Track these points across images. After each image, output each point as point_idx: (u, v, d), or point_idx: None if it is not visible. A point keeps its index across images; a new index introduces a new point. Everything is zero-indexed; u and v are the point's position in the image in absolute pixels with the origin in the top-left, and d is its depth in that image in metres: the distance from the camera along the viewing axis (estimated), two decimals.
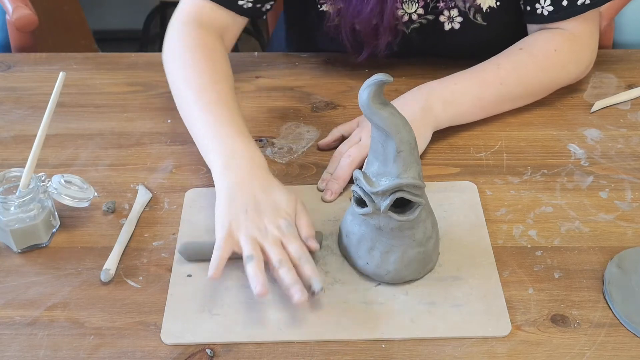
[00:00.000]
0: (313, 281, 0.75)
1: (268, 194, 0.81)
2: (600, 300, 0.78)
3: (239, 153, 0.85)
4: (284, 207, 0.81)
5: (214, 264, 0.75)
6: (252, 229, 0.78)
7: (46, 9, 1.39)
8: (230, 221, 0.79)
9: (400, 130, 0.73)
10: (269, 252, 0.77)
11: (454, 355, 0.73)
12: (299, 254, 0.77)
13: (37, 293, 0.80)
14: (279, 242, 0.78)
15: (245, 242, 0.77)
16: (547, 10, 1.01)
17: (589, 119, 1.03)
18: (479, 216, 0.87)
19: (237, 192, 0.81)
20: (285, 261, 0.76)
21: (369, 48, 1.05)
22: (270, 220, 0.79)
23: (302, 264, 0.76)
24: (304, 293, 0.74)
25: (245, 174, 0.83)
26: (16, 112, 1.06)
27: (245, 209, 0.80)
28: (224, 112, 0.89)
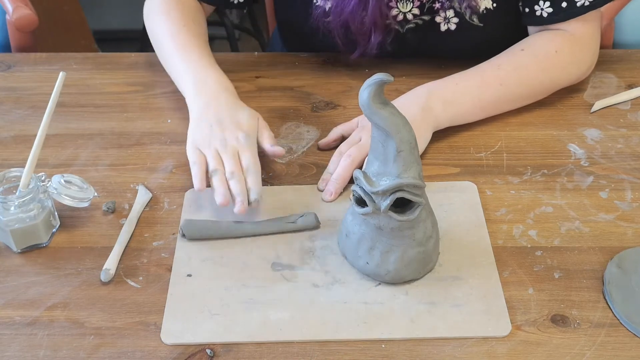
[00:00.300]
0: (251, 192, 0.85)
1: (232, 113, 0.92)
2: (600, 300, 0.78)
3: (207, 78, 0.97)
4: (245, 122, 0.92)
5: (196, 177, 0.86)
6: (215, 142, 0.89)
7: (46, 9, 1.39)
8: (198, 138, 0.90)
9: (400, 130, 0.72)
10: (225, 163, 0.87)
11: (454, 355, 0.73)
12: (247, 165, 0.87)
13: (37, 293, 0.80)
14: (236, 153, 0.88)
15: (210, 156, 0.88)
16: (546, 12, 1.01)
17: (589, 119, 1.03)
18: (479, 216, 0.87)
19: (205, 111, 0.92)
20: (236, 173, 0.86)
21: (361, 46, 1.05)
22: (230, 133, 0.90)
23: (247, 173, 0.86)
24: (243, 205, 0.83)
25: (213, 96, 0.94)
26: (16, 112, 1.06)
27: (210, 124, 0.91)
28: (194, 48, 1.01)
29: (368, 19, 1.00)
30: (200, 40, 1.03)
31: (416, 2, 1.04)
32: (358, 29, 1.03)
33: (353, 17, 1.00)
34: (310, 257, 0.83)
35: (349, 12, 1.00)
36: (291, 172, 0.95)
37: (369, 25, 1.02)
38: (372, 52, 1.05)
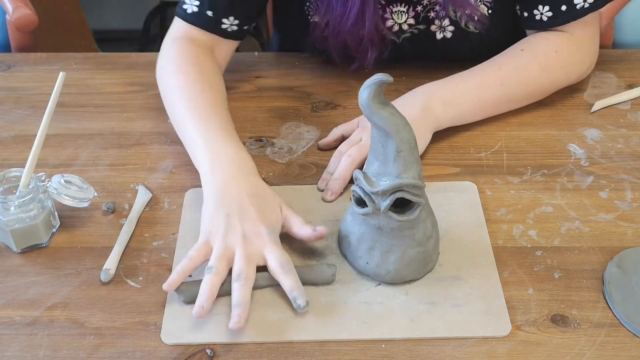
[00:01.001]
0: (295, 296, 0.74)
1: (254, 200, 0.80)
2: (600, 300, 0.78)
3: (226, 156, 0.85)
4: (269, 213, 0.80)
5: (173, 275, 0.75)
6: (229, 237, 0.78)
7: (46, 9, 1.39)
8: (211, 228, 0.79)
9: (400, 130, 0.73)
10: (235, 262, 0.76)
11: (454, 355, 0.73)
12: (280, 263, 0.76)
13: (37, 293, 0.80)
14: (254, 253, 0.77)
15: (215, 252, 0.77)
16: (546, 15, 1.01)
17: (589, 119, 1.03)
18: (479, 216, 0.87)
19: (223, 198, 0.81)
20: (244, 276, 0.74)
21: (358, 61, 1.06)
22: (251, 227, 0.78)
23: (284, 273, 0.75)
24: (241, 320, 0.72)
25: (231, 177, 0.83)
26: (16, 112, 1.06)
27: (227, 213, 0.79)
28: (214, 118, 0.90)
29: (365, 35, 1.00)
30: (219, 107, 0.93)
31: (411, 12, 1.04)
32: (355, 46, 1.03)
33: (351, 35, 1.00)
34: (310, 257, 0.83)
35: (346, 31, 0.99)
36: (291, 172, 0.95)
37: (366, 42, 1.01)
38: (369, 66, 1.05)
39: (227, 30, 1.03)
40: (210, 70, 0.99)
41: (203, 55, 1.00)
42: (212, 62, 1.01)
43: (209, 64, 1.00)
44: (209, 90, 0.95)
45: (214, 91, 0.95)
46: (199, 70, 0.97)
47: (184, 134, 0.92)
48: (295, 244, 0.83)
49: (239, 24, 1.03)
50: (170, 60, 1.00)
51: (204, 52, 1.01)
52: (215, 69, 1.00)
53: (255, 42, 2.27)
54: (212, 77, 0.98)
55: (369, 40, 1.01)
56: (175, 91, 0.95)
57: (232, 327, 0.72)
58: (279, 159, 0.97)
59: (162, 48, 1.03)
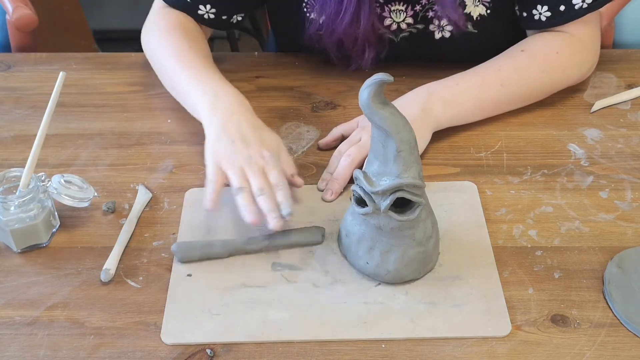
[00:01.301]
0: (282, 206, 0.80)
1: (254, 130, 0.87)
2: (600, 300, 0.78)
3: (224, 94, 0.91)
4: (269, 141, 0.87)
5: (209, 196, 0.81)
6: (238, 159, 0.83)
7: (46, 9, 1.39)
8: (218, 151, 0.84)
9: (400, 130, 0.72)
10: (251, 180, 0.82)
11: (454, 355, 0.73)
12: (276, 181, 0.82)
13: (37, 293, 0.80)
14: (262, 170, 0.83)
15: (234, 174, 0.82)
16: (544, 16, 1.01)
17: (589, 119, 1.03)
18: (479, 216, 0.87)
19: (225, 126, 0.87)
20: (265, 189, 0.81)
21: (355, 62, 1.06)
22: (255, 150, 0.84)
23: (277, 190, 0.82)
24: (278, 221, 0.79)
25: (232, 112, 0.88)
26: (16, 112, 1.06)
27: (232, 139, 0.85)
28: (203, 66, 0.95)
29: (361, 35, 1.00)
30: (207, 60, 0.99)
31: (409, 11, 1.04)
32: (351, 46, 1.03)
33: (346, 34, 1.00)
34: (310, 257, 0.83)
35: (341, 30, 0.99)
36: None
37: (362, 41, 1.01)
38: (367, 66, 1.05)
39: (203, 17, 1.06)
40: (194, 30, 1.04)
41: (186, 19, 1.05)
42: (195, 25, 1.05)
43: (192, 25, 1.04)
44: (196, 45, 1.00)
45: (199, 46, 1.00)
46: (183, 29, 1.02)
47: (178, 86, 0.97)
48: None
49: (216, 13, 1.05)
50: (155, 24, 1.05)
51: (188, 20, 1.05)
52: (199, 29, 1.05)
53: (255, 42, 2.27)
54: (196, 35, 1.03)
55: (365, 40, 1.01)
56: (163, 50, 1.00)
57: (272, 227, 0.79)
58: None
59: (148, 19, 1.08)
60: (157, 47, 1.02)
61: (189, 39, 1.00)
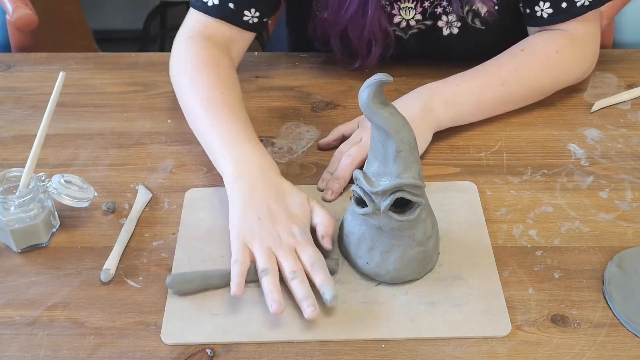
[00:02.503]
0: (324, 290, 0.74)
1: (281, 201, 0.82)
2: (600, 300, 0.78)
3: (249, 159, 0.85)
4: (298, 212, 0.81)
5: (235, 281, 0.75)
6: (266, 238, 0.79)
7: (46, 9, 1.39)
8: (245, 232, 0.79)
9: (400, 130, 0.72)
10: (282, 262, 0.77)
11: (454, 355, 0.73)
12: (311, 261, 0.77)
13: (37, 293, 0.80)
14: (293, 250, 0.78)
15: (260, 253, 0.77)
16: (546, 12, 1.01)
17: (589, 118, 1.03)
18: (479, 216, 0.87)
19: (250, 201, 0.81)
20: (298, 272, 0.76)
21: (361, 58, 1.06)
22: (284, 228, 0.79)
23: (314, 271, 0.76)
24: (315, 308, 0.73)
25: (257, 181, 0.83)
26: (16, 112, 1.06)
27: (258, 217, 0.80)
28: (232, 121, 0.90)
29: (367, 29, 1.00)
30: (238, 110, 0.92)
31: (418, 8, 1.04)
32: (357, 41, 1.02)
33: (352, 26, 1.00)
34: None
35: (345, 21, 0.99)
36: (291, 172, 0.95)
37: (367, 36, 1.01)
38: (372, 64, 1.05)
39: (248, 23, 1.02)
40: (228, 70, 0.98)
41: (220, 54, 0.99)
42: (228, 61, 1.00)
43: (226, 64, 0.98)
44: (227, 91, 0.93)
45: (232, 92, 0.94)
46: (216, 71, 0.96)
47: (204, 138, 0.91)
48: None
49: (259, 16, 1.02)
50: (186, 59, 0.98)
51: (220, 51, 0.99)
52: (232, 68, 0.99)
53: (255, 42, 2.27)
54: (230, 77, 0.97)
55: (372, 35, 1.01)
56: (192, 94, 0.94)
57: (309, 316, 0.73)
58: (279, 159, 0.97)
59: (176, 45, 1.01)
60: (187, 88, 0.95)
61: (222, 83, 0.94)
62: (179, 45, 1.01)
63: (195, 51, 0.98)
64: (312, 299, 0.74)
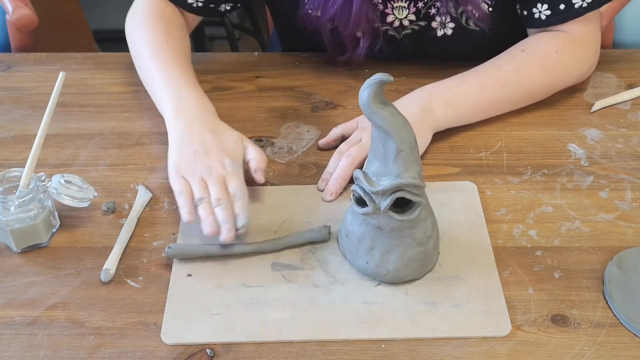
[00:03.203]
0: (238, 218, 0.81)
1: (216, 136, 0.88)
2: (600, 300, 0.78)
3: (188, 100, 0.93)
4: (231, 147, 0.88)
5: (185, 208, 0.82)
6: (199, 169, 0.85)
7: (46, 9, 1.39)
8: (180, 162, 0.86)
9: (400, 130, 0.73)
10: (211, 190, 0.84)
11: (454, 355, 0.73)
12: (234, 191, 0.84)
13: (37, 293, 0.80)
14: (222, 180, 0.84)
15: (195, 184, 0.84)
16: (544, 14, 1.01)
17: (589, 118, 1.03)
18: (479, 216, 0.87)
19: (187, 135, 0.88)
20: (222, 200, 0.82)
21: (349, 50, 1.06)
22: (216, 159, 0.86)
23: (235, 200, 0.83)
24: (230, 232, 0.80)
25: (194, 118, 0.90)
26: (16, 112, 1.06)
27: (193, 149, 0.87)
28: (175, 67, 0.97)
29: (352, 22, 1.00)
30: (182, 58, 1.00)
31: (412, 8, 1.04)
32: (345, 32, 1.02)
33: (340, 18, 1.00)
34: (310, 257, 0.83)
35: (333, 13, 0.99)
36: (291, 172, 0.95)
37: (354, 29, 1.01)
38: (360, 56, 1.05)
39: (192, 5, 1.07)
40: (176, 23, 1.05)
41: (171, 11, 1.06)
42: (179, 17, 1.06)
43: (176, 19, 1.06)
44: (174, 42, 1.01)
45: (178, 43, 1.02)
46: (165, 22, 1.03)
47: (149, 83, 0.99)
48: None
49: (204, 1, 1.07)
50: (139, 13, 1.05)
51: (173, 11, 1.06)
52: (181, 23, 1.06)
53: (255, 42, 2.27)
54: (178, 30, 1.04)
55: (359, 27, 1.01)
56: (142, 42, 1.02)
57: (223, 239, 0.80)
58: (279, 159, 0.97)
59: (134, 5, 1.07)
60: (138, 37, 1.03)
61: (169, 33, 1.02)
62: (133, 5, 1.08)
63: (150, 5, 1.05)
64: (230, 224, 0.81)
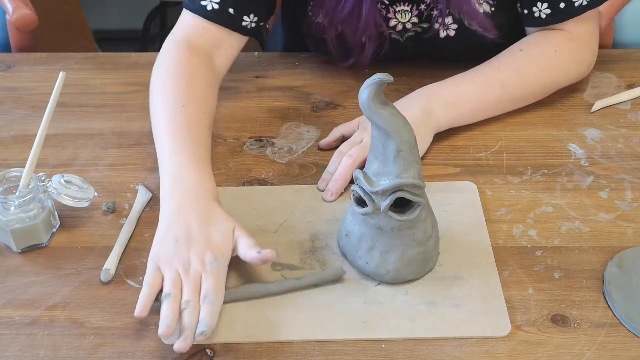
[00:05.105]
0: (200, 324, 0.72)
1: (204, 225, 0.79)
2: (600, 300, 0.78)
3: (186, 181, 0.83)
4: (218, 240, 0.78)
5: (141, 302, 0.74)
6: (177, 263, 0.77)
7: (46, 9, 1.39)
8: (160, 252, 0.78)
9: (400, 130, 0.73)
10: (184, 288, 0.75)
11: (454, 355, 0.73)
12: (205, 294, 0.75)
13: (37, 293, 0.80)
14: (198, 278, 0.76)
15: (168, 277, 0.76)
16: (544, 13, 1.01)
17: (589, 118, 1.03)
18: (479, 216, 0.87)
19: (174, 220, 0.79)
20: (191, 303, 0.74)
21: (355, 55, 1.06)
22: (196, 254, 0.77)
23: (203, 303, 0.74)
24: (185, 341, 0.71)
25: (185, 202, 0.81)
26: (16, 112, 1.06)
27: (176, 238, 0.78)
28: (186, 137, 0.87)
29: (361, 27, 1.00)
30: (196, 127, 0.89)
31: (414, 11, 1.04)
32: (351, 36, 1.02)
33: (347, 24, 1.00)
34: (310, 257, 0.83)
35: (341, 19, 0.99)
36: (291, 172, 0.95)
37: (362, 34, 1.01)
38: (366, 61, 1.05)
39: (247, 28, 1.02)
40: (202, 82, 0.95)
41: (199, 65, 0.97)
42: (207, 72, 0.97)
43: (202, 75, 0.96)
44: (192, 104, 0.91)
45: (197, 106, 0.92)
46: (188, 81, 0.94)
47: (157, 148, 0.89)
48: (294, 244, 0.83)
49: (257, 21, 1.03)
50: (164, 66, 0.96)
51: (201, 62, 0.97)
52: (208, 81, 0.97)
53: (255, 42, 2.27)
54: (200, 90, 0.94)
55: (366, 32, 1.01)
56: (158, 101, 0.92)
57: (176, 348, 0.71)
58: (279, 159, 0.97)
59: (162, 49, 1.00)
60: (155, 94, 0.94)
61: (188, 93, 0.92)
62: (163, 49, 0.99)
63: (176, 58, 0.96)
64: (190, 331, 0.72)
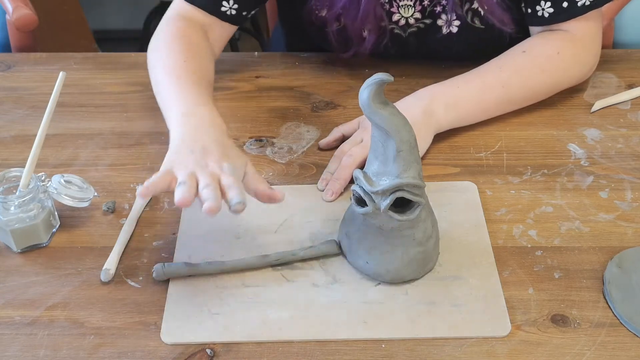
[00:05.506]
0: (231, 194, 0.70)
1: (219, 145, 0.79)
2: (600, 300, 0.78)
3: (197, 115, 0.84)
4: (234, 154, 0.78)
5: (146, 183, 0.72)
6: (192, 165, 0.75)
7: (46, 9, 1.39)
8: (174, 160, 0.77)
9: (400, 130, 0.73)
10: (199, 179, 0.73)
11: (454, 355, 0.73)
12: (228, 183, 0.73)
13: (37, 293, 0.80)
14: (215, 178, 0.73)
15: (182, 173, 0.74)
16: (547, 12, 1.01)
17: (589, 118, 1.03)
18: (479, 216, 0.87)
19: (189, 138, 0.79)
20: (211, 185, 0.72)
21: (355, 46, 1.06)
22: (214, 160, 0.76)
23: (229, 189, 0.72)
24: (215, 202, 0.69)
25: (200, 129, 0.81)
26: (16, 112, 1.06)
27: (191, 150, 0.77)
28: (190, 84, 0.91)
29: (359, 18, 1.00)
30: (199, 76, 0.93)
31: (417, 6, 1.04)
32: (351, 27, 1.03)
33: (347, 14, 1.00)
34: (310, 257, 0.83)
35: (340, 6, 1.00)
36: (291, 172, 0.95)
37: (360, 24, 1.01)
38: (366, 52, 1.05)
39: (225, 13, 1.04)
40: (198, 43, 1.00)
41: (194, 31, 1.02)
42: (204, 41, 1.02)
43: (198, 38, 1.01)
44: (192, 60, 0.95)
45: (196, 61, 0.96)
46: (186, 41, 0.99)
47: (161, 101, 0.92)
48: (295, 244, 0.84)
49: (238, 9, 1.04)
50: (161, 37, 1.01)
51: (196, 31, 1.02)
52: (204, 44, 1.01)
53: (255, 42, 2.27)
54: (199, 49, 0.99)
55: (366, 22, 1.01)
56: (158, 62, 0.97)
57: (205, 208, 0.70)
58: (279, 159, 0.97)
59: (157, 28, 1.04)
60: (155, 60, 0.98)
61: (188, 53, 0.96)
62: (158, 27, 1.04)
63: (171, 30, 1.01)
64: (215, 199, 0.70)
